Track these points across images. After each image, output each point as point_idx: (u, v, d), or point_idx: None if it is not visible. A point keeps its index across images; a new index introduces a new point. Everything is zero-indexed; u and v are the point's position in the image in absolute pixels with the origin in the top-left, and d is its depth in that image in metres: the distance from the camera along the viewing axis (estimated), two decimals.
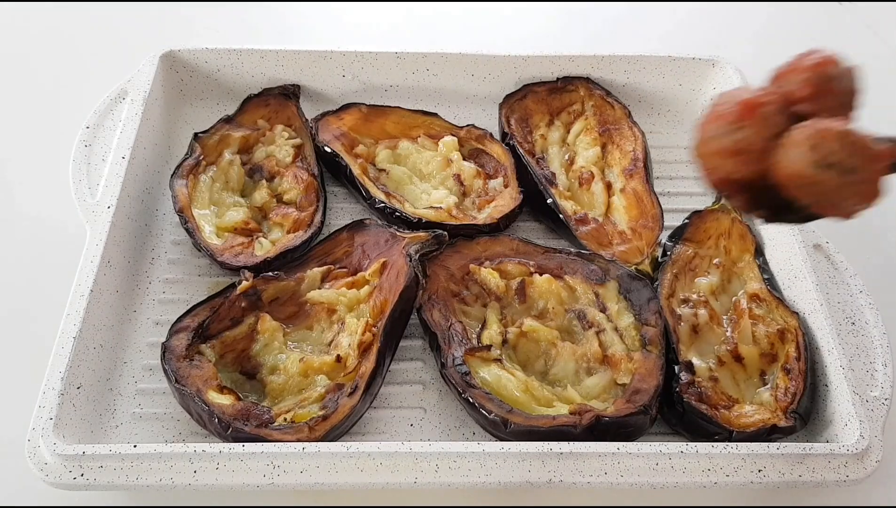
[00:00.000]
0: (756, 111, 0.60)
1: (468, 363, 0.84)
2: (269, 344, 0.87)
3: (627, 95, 1.15)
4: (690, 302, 0.92)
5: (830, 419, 0.82)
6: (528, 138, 1.09)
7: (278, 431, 0.78)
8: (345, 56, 1.12)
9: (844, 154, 0.57)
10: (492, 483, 0.76)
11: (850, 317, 0.89)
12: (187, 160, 1.00)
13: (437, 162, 1.04)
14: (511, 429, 0.79)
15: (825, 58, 0.62)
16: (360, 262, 0.94)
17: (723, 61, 1.13)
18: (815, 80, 0.61)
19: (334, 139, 1.05)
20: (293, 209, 0.99)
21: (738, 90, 0.62)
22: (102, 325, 0.87)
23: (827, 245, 0.94)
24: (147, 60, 1.08)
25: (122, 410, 0.85)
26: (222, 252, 0.93)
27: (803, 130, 0.59)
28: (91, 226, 0.90)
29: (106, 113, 1.03)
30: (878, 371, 0.84)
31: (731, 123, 0.61)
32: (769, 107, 0.60)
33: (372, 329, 0.86)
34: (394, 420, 0.86)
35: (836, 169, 0.58)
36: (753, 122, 0.60)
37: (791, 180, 0.59)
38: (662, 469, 0.76)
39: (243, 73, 1.13)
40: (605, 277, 0.91)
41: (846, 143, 0.58)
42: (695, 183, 1.10)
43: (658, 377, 0.84)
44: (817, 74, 0.61)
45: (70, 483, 0.74)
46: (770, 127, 0.60)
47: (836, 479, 0.77)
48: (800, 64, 0.63)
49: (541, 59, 1.12)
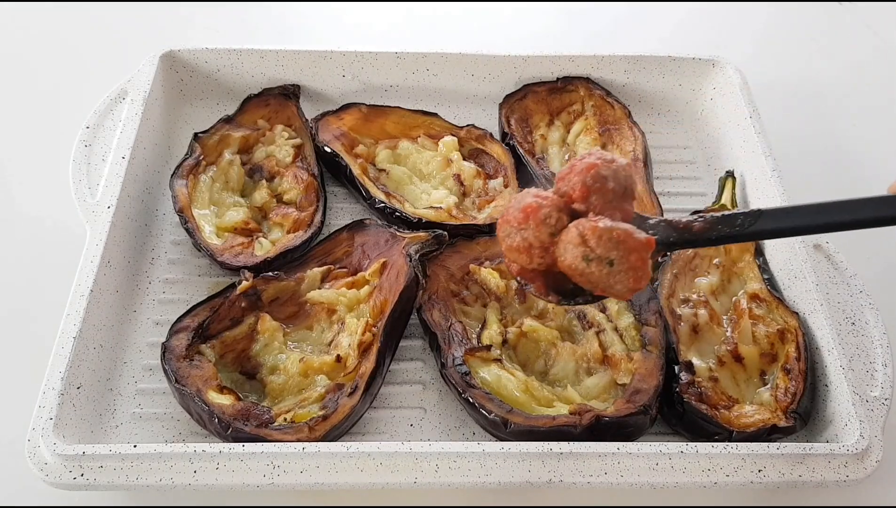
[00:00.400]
0: (535, 214, 0.70)
1: (468, 363, 0.84)
2: (269, 344, 0.87)
3: (627, 95, 1.15)
4: (690, 302, 0.92)
5: (830, 419, 0.82)
6: (528, 138, 1.09)
7: (278, 431, 0.78)
8: (345, 56, 1.12)
9: (603, 250, 0.67)
10: (492, 483, 0.76)
11: (850, 317, 0.89)
12: (187, 160, 1.00)
13: (437, 162, 1.04)
14: (511, 429, 0.79)
15: (595, 162, 0.70)
16: (360, 262, 0.94)
17: (723, 61, 1.13)
18: (587, 182, 0.70)
19: (334, 139, 1.05)
20: (293, 209, 0.99)
21: (526, 194, 0.71)
22: (102, 325, 0.87)
23: (827, 245, 0.94)
24: (147, 60, 1.08)
25: (122, 410, 0.85)
26: (222, 252, 0.93)
27: (570, 230, 0.69)
28: (91, 226, 0.90)
29: (106, 113, 1.03)
30: (878, 371, 0.84)
31: (516, 226, 0.71)
32: (546, 210, 0.70)
33: (372, 329, 0.86)
34: (394, 420, 0.86)
35: (597, 262, 0.67)
36: (534, 223, 0.70)
37: (568, 271, 0.69)
38: (662, 469, 0.76)
39: (243, 73, 1.13)
40: None
41: (605, 239, 0.67)
42: (695, 183, 1.10)
43: (658, 377, 0.84)
44: (589, 176, 0.70)
45: (70, 483, 0.74)
46: (548, 227, 0.69)
47: (836, 479, 0.77)
48: (574, 167, 0.71)
49: (541, 59, 1.12)
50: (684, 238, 0.73)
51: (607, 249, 0.67)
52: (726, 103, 1.11)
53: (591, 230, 0.67)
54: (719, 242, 0.74)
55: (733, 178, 1.03)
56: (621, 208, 0.70)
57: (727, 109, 1.10)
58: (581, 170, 0.70)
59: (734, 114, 1.09)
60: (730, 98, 1.10)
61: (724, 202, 1.00)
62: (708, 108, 1.15)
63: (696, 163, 1.12)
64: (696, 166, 1.12)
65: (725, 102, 1.11)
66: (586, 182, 0.70)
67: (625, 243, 0.67)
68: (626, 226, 0.68)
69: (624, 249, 0.67)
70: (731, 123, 1.09)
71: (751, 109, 1.06)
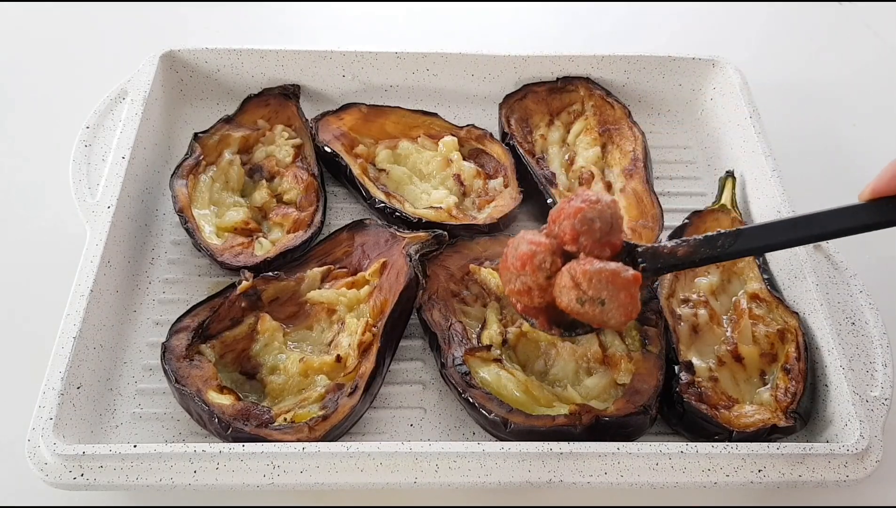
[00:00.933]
0: (531, 261, 0.77)
1: (468, 363, 0.84)
2: (269, 344, 0.87)
3: (627, 95, 1.15)
4: (690, 302, 0.92)
5: (830, 419, 0.82)
6: (528, 138, 1.09)
7: (278, 431, 0.78)
8: (345, 56, 1.12)
9: (594, 292, 0.74)
10: (492, 483, 0.76)
11: (850, 317, 0.89)
12: (187, 160, 1.00)
13: (437, 162, 1.04)
14: (511, 429, 0.79)
15: (581, 205, 0.76)
16: (360, 262, 0.94)
17: (723, 61, 1.13)
18: (575, 226, 0.76)
19: (334, 139, 1.05)
20: (293, 209, 0.99)
21: (521, 240, 0.78)
22: (102, 325, 0.87)
23: (827, 245, 0.94)
24: (147, 60, 1.08)
25: (122, 410, 0.85)
26: (222, 252, 0.93)
27: (564, 275, 0.75)
28: (91, 226, 0.90)
29: (106, 113, 1.03)
30: (878, 371, 0.84)
31: (515, 272, 0.78)
32: (540, 256, 0.76)
33: (372, 329, 0.86)
34: (394, 420, 0.86)
35: (590, 303, 0.74)
36: (531, 269, 0.77)
37: (566, 310, 0.76)
38: (662, 468, 0.76)
39: (243, 73, 1.13)
40: None
41: (595, 282, 0.73)
42: (695, 183, 1.10)
43: (658, 376, 0.84)
44: (577, 221, 0.76)
45: (70, 483, 0.74)
46: (544, 271, 0.76)
47: (836, 479, 0.77)
48: (563, 211, 0.78)
49: (541, 59, 1.12)
50: (670, 263, 0.80)
51: (598, 290, 0.74)
52: (726, 103, 1.11)
53: (582, 274, 0.74)
54: (703, 263, 0.80)
55: (733, 178, 1.03)
56: (609, 243, 0.77)
57: (727, 110, 1.10)
58: (569, 215, 0.77)
59: (734, 114, 1.09)
60: (730, 98, 1.10)
61: (724, 202, 1.00)
62: (708, 108, 1.15)
63: (696, 163, 1.12)
64: (696, 166, 1.12)
65: (725, 102, 1.11)
66: (575, 226, 0.76)
67: (613, 282, 0.74)
68: (613, 266, 0.75)
69: (613, 288, 0.74)
70: (731, 123, 1.09)
71: (751, 109, 1.06)
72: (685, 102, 1.17)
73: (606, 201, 0.78)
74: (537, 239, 0.78)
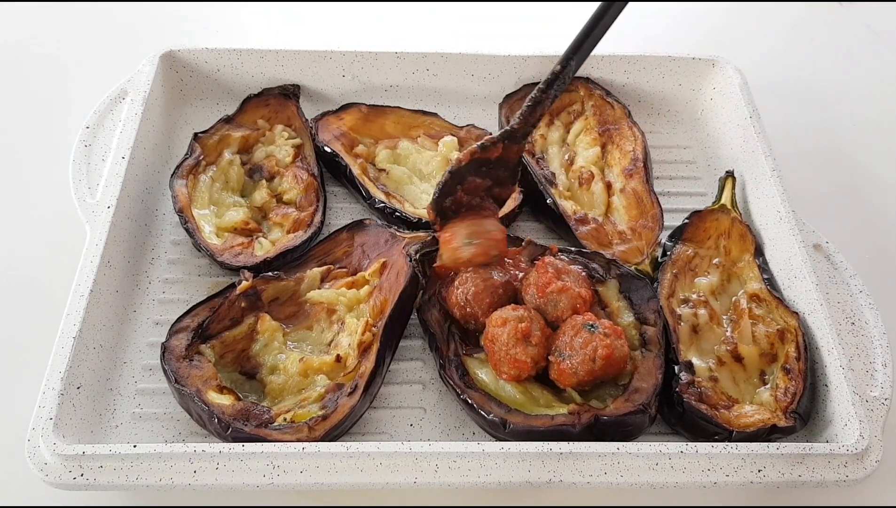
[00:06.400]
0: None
1: (466, 364, 0.84)
2: (269, 344, 0.87)
3: (627, 95, 1.15)
4: (690, 302, 0.92)
5: (830, 419, 0.82)
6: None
7: (278, 431, 0.78)
8: (345, 56, 1.12)
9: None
10: (492, 483, 0.76)
11: (850, 317, 0.89)
12: (187, 160, 1.00)
13: (437, 162, 1.04)
14: (510, 429, 0.79)
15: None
16: (360, 262, 0.94)
17: (723, 61, 1.13)
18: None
19: (334, 139, 1.05)
20: (293, 209, 0.99)
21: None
22: (102, 325, 0.87)
23: (827, 245, 0.94)
24: (147, 60, 1.08)
25: (122, 410, 0.85)
26: (222, 252, 0.93)
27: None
28: (91, 226, 0.90)
29: (106, 113, 1.03)
30: (878, 371, 0.84)
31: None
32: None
33: (372, 329, 0.86)
34: (394, 420, 0.86)
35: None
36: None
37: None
38: (662, 468, 0.76)
39: (243, 73, 1.13)
40: (605, 276, 0.91)
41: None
42: (695, 183, 1.10)
43: (657, 376, 0.83)
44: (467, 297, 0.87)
45: (70, 483, 0.74)
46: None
47: (836, 479, 0.77)
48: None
49: (541, 59, 1.12)
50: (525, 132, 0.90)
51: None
52: (726, 103, 1.11)
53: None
54: (551, 87, 0.89)
55: (733, 178, 1.03)
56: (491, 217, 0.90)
57: (727, 110, 1.10)
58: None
59: (734, 114, 1.09)
60: (730, 98, 1.10)
61: (723, 202, 1.00)
62: (708, 108, 1.15)
63: (696, 163, 1.12)
64: (696, 166, 1.12)
65: (725, 102, 1.11)
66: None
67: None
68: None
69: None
70: (731, 124, 1.09)
71: (751, 109, 1.06)
72: (685, 102, 1.17)
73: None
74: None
